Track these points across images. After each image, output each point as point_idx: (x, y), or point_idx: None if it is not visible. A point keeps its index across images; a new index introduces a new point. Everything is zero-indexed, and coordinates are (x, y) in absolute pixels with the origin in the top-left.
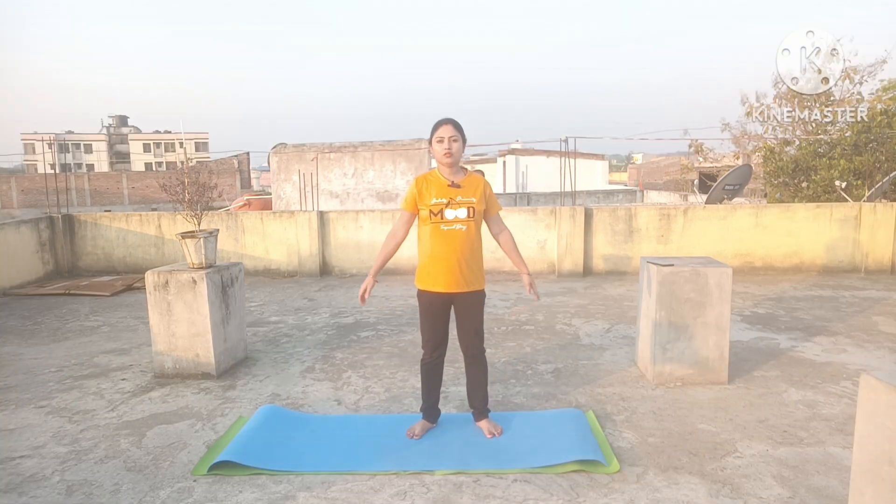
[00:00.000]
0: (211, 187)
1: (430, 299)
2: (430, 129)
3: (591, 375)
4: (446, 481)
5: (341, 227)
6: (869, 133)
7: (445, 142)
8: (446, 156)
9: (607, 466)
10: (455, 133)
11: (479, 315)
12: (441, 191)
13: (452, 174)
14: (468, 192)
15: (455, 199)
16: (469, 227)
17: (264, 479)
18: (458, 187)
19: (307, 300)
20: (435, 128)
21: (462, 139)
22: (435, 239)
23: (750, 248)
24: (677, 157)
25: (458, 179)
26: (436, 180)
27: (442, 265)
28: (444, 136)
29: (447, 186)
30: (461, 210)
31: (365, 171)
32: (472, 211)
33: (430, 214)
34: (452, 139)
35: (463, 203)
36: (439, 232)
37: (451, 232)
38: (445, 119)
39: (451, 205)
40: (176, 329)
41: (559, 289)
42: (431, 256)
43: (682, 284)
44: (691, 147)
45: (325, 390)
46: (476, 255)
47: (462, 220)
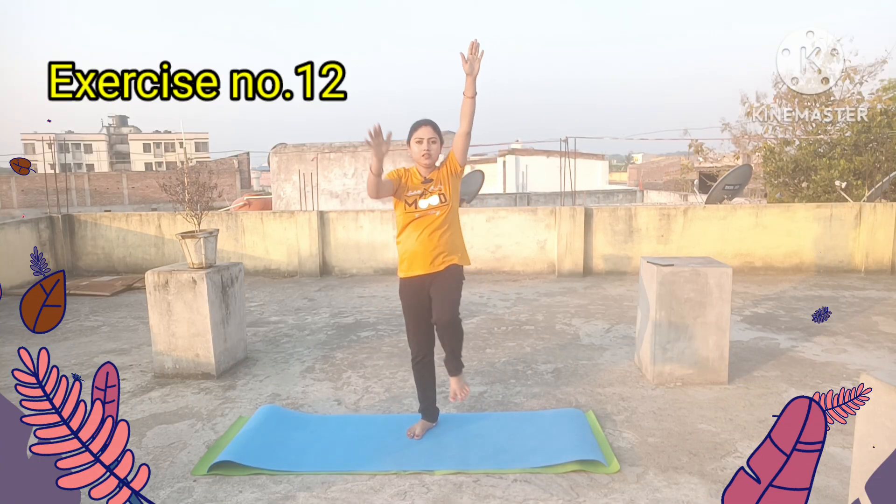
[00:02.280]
0: (211, 187)
1: (410, 287)
2: (409, 129)
3: (591, 375)
4: (446, 481)
5: (341, 227)
6: (869, 133)
7: (424, 143)
8: (424, 156)
9: (607, 466)
10: (434, 135)
11: (454, 284)
12: (415, 185)
13: (427, 172)
14: (437, 181)
15: (427, 189)
16: (442, 212)
17: (264, 479)
18: (429, 181)
19: (307, 300)
20: (414, 128)
21: (440, 140)
22: (412, 227)
23: (750, 248)
24: (677, 157)
25: (429, 174)
26: (413, 175)
27: (419, 249)
28: (423, 137)
29: (421, 182)
30: (433, 198)
31: (365, 171)
32: (443, 196)
33: (406, 205)
34: (431, 140)
35: (434, 191)
36: (415, 220)
37: (426, 217)
38: (424, 120)
39: (424, 195)
40: (176, 329)
41: (559, 289)
42: (410, 244)
43: (682, 284)
44: (691, 147)
45: (325, 390)
46: (453, 236)
47: (435, 206)
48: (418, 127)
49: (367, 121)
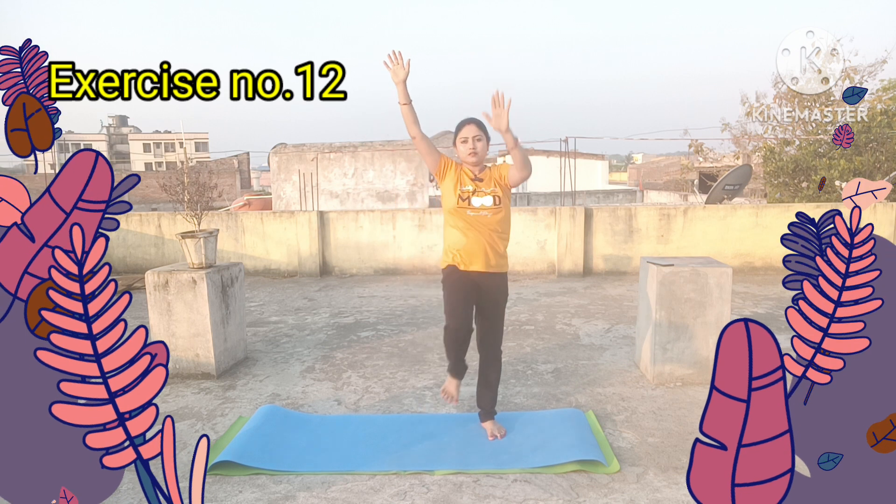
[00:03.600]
0: (211, 187)
1: (458, 276)
2: (454, 129)
3: (591, 375)
4: (446, 481)
5: (341, 227)
6: (869, 133)
7: (470, 141)
8: (471, 155)
9: (607, 466)
10: (479, 132)
11: (502, 309)
12: (467, 181)
13: (477, 170)
14: (489, 184)
15: (479, 188)
16: (494, 214)
17: (264, 479)
18: (480, 181)
19: (307, 300)
20: (459, 128)
21: (486, 137)
22: (464, 223)
23: (750, 248)
24: (677, 157)
25: (480, 173)
26: (465, 172)
27: (471, 247)
28: (468, 136)
29: (472, 179)
30: (486, 198)
31: (365, 171)
32: (498, 199)
33: (459, 200)
34: (476, 138)
35: (487, 192)
36: (467, 217)
37: (478, 217)
38: (469, 119)
39: (477, 193)
40: (176, 329)
41: (559, 289)
42: (461, 240)
43: (682, 284)
44: (691, 147)
45: (325, 390)
46: (503, 240)
47: (488, 207)
48: (462, 126)
49: (368, 121)
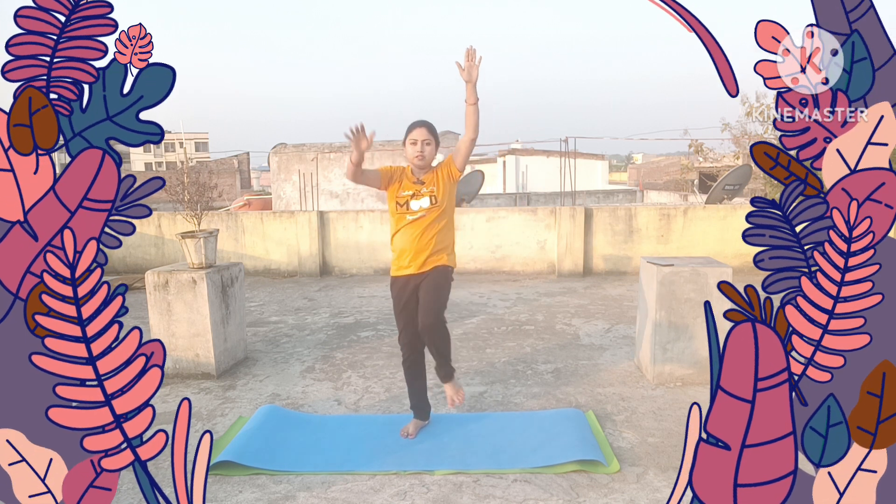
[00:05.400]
0: (211, 187)
1: (398, 286)
2: (405, 129)
3: (591, 375)
4: (446, 481)
5: (341, 228)
6: None
7: (418, 144)
8: (418, 158)
9: (607, 466)
10: (428, 136)
11: (441, 284)
12: (408, 185)
13: (421, 173)
14: (430, 183)
15: (419, 191)
16: (431, 214)
17: (264, 479)
18: (421, 183)
19: (307, 300)
20: (409, 130)
21: (435, 142)
22: (403, 228)
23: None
24: (677, 157)
25: (423, 176)
26: (406, 176)
27: (410, 249)
28: (418, 138)
29: (413, 183)
30: (424, 200)
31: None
32: (434, 198)
33: (397, 206)
34: (425, 142)
35: (425, 193)
36: (406, 221)
37: (417, 220)
38: (419, 122)
39: (416, 196)
40: (176, 329)
41: (559, 289)
42: (401, 244)
43: (682, 284)
44: (691, 147)
45: (325, 390)
46: (443, 239)
47: (426, 208)
48: (413, 128)
49: (367, 120)
